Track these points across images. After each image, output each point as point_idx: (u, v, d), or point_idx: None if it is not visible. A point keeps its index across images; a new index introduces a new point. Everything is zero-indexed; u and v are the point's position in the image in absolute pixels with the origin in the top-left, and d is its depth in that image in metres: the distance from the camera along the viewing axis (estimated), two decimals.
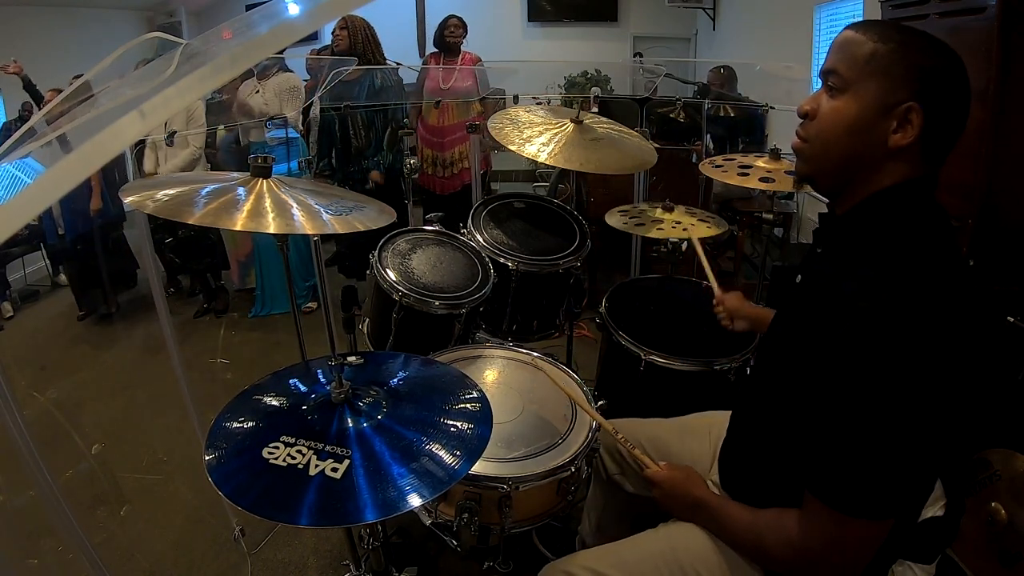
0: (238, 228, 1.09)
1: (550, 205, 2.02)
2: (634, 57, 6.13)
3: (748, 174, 1.86)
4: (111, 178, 3.35)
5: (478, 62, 3.37)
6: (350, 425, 0.95)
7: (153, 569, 1.75)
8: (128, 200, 1.10)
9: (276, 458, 0.88)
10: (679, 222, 1.96)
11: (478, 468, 1.10)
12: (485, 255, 1.74)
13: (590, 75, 5.93)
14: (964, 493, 1.40)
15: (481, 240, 1.78)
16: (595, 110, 2.09)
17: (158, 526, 1.90)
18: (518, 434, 1.25)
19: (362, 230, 1.24)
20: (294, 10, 0.58)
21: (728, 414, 1.11)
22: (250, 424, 0.98)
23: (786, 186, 1.83)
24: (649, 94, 2.81)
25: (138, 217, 1.61)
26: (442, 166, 3.43)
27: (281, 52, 3.25)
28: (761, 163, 1.91)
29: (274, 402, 1.04)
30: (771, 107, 2.91)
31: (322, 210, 1.22)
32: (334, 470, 0.86)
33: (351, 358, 1.11)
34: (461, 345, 1.59)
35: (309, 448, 0.90)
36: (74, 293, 3.63)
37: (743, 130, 3.62)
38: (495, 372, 1.46)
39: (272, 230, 1.12)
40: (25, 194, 0.32)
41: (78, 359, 3.14)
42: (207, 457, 0.90)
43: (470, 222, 1.84)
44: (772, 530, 0.86)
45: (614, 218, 2.03)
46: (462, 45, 3.39)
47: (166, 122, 2.52)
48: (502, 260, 1.73)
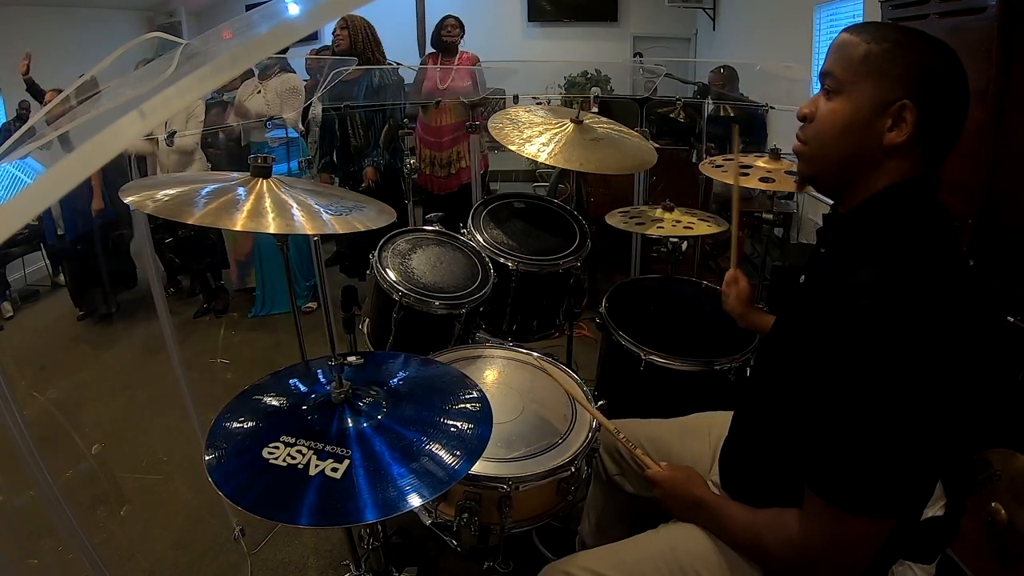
0: (238, 228, 1.10)
1: (550, 205, 2.02)
2: (634, 57, 6.13)
3: (748, 174, 1.86)
4: (110, 178, 3.34)
5: (476, 62, 3.37)
6: (350, 425, 0.95)
7: (153, 569, 1.75)
8: (128, 200, 1.10)
9: (276, 458, 0.88)
10: (679, 221, 1.96)
11: (478, 468, 1.10)
12: (485, 255, 1.74)
13: (590, 75, 5.93)
14: (964, 493, 1.40)
15: (481, 240, 1.78)
16: (595, 110, 2.09)
17: (158, 526, 1.90)
18: (518, 434, 1.25)
19: (362, 230, 1.24)
20: (294, 10, 0.58)
21: (728, 414, 1.11)
22: (250, 424, 0.98)
23: (786, 186, 1.83)
24: (649, 94, 2.81)
25: (138, 217, 1.61)
26: (440, 166, 3.42)
27: (283, 52, 3.25)
28: (761, 163, 1.91)
29: (274, 402, 1.04)
30: (771, 107, 2.91)
31: (322, 210, 1.22)
32: (334, 470, 0.86)
33: (351, 358, 1.11)
34: (461, 345, 1.59)
35: (309, 448, 0.90)
36: (71, 293, 3.62)
37: (743, 130, 3.61)
38: (495, 372, 1.46)
39: (272, 230, 1.13)
40: (25, 194, 0.32)
41: (78, 359, 3.14)
42: (207, 457, 0.90)
43: (470, 222, 1.84)
44: (772, 529, 0.86)
45: (614, 218, 2.03)
46: (460, 45, 3.39)
47: (166, 121, 2.51)
48: (502, 260, 1.73)
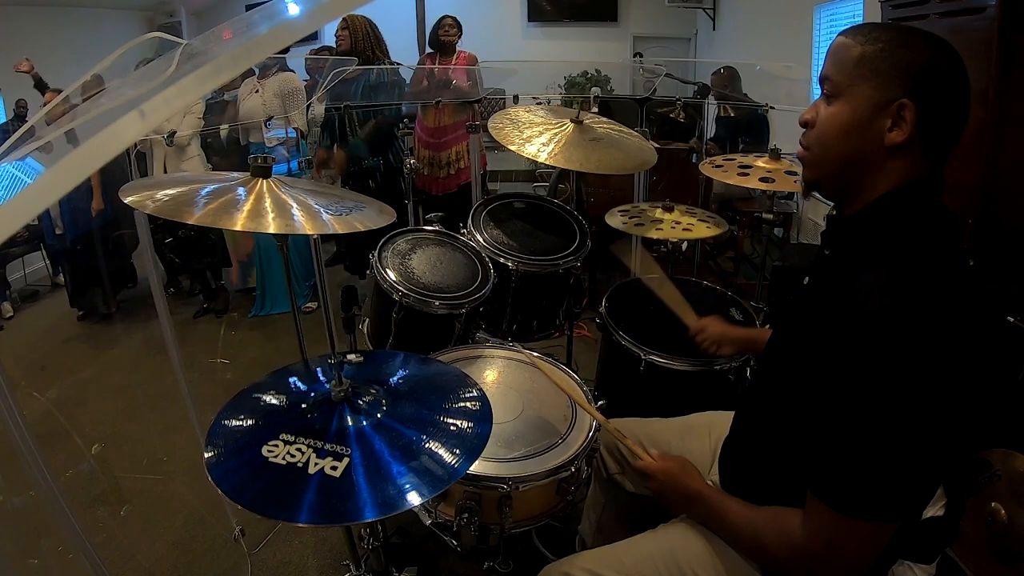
0: (238, 228, 1.10)
1: (550, 205, 2.03)
2: (634, 57, 6.13)
3: (748, 174, 1.86)
4: (109, 178, 3.34)
5: (474, 61, 3.36)
6: (350, 423, 0.95)
7: (153, 569, 1.75)
8: (128, 200, 1.10)
9: (275, 456, 0.88)
10: (679, 222, 1.96)
11: (478, 468, 1.10)
12: (485, 255, 1.74)
13: (590, 75, 5.93)
14: (964, 493, 1.40)
15: (481, 240, 1.78)
16: (595, 110, 2.08)
17: (158, 526, 1.90)
18: (518, 434, 1.25)
19: (362, 230, 1.24)
20: (294, 10, 0.58)
21: (728, 414, 1.11)
22: (250, 422, 0.98)
23: (786, 186, 1.84)
24: (649, 94, 2.81)
25: (138, 217, 1.61)
26: (438, 167, 3.40)
27: (285, 52, 3.25)
28: (761, 163, 1.91)
29: (274, 400, 1.04)
30: (771, 107, 2.91)
31: (322, 210, 1.22)
32: (333, 468, 0.86)
33: (351, 356, 1.11)
34: (461, 345, 1.59)
35: (308, 446, 0.90)
36: (69, 293, 3.61)
37: (744, 130, 3.62)
38: (495, 372, 1.46)
39: (272, 230, 1.13)
40: (25, 194, 0.32)
41: (78, 359, 3.14)
42: (206, 455, 0.90)
43: (470, 222, 1.84)
44: (772, 529, 0.85)
45: (614, 218, 2.03)
46: (458, 44, 3.39)
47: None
48: (502, 260, 1.73)
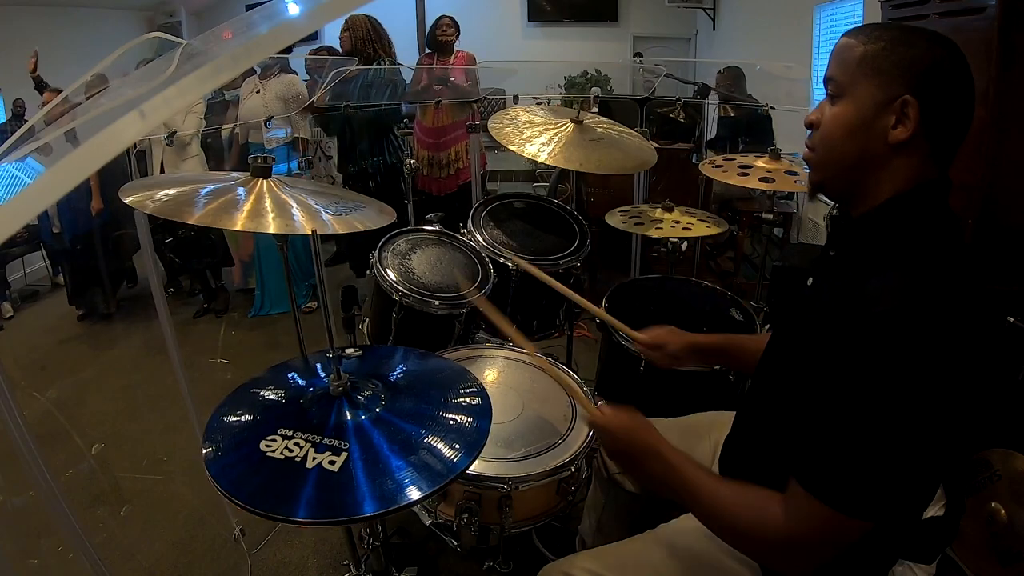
0: (238, 228, 1.10)
1: (550, 205, 2.03)
2: (634, 57, 6.12)
3: (748, 174, 1.86)
4: (108, 178, 3.33)
5: (472, 61, 3.35)
6: (348, 418, 0.95)
7: (153, 569, 1.75)
8: (128, 200, 1.10)
9: (273, 451, 0.88)
10: (679, 221, 1.96)
11: (478, 468, 1.10)
12: (485, 255, 1.75)
13: (590, 75, 5.93)
14: (964, 493, 1.40)
15: (481, 240, 1.78)
16: (595, 110, 2.08)
17: (158, 526, 1.90)
18: (518, 434, 1.25)
19: (362, 230, 1.24)
20: (294, 10, 0.58)
21: (729, 414, 1.11)
22: (248, 417, 0.97)
23: (786, 186, 1.84)
24: (649, 94, 2.81)
25: (138, 217, 1.61)
26: (438, 167, 3.40)
27: (287, 52, 3.24)
28: (761, 163, 1.91)
29: (272, 395, 1.04)
30: (771, 107, 2.91)
31: (322, 210, 1.22)
32: (332, 463, 0.86)
33: (349, 350, 1.11)
34: (461, 345, 1.59)
35: (307, 441, 0.89)
36: (68, 292, 3.61)
37: (744, 130, 3.62)
38: (495, 372, 1.46)
39: (272, 230, 1.13)
40: (25, 194, 0.32)
41: (78, 359, 3.14)
42: (205, 451, 0.90)
43: (470, 222, 1.84)
44: (747, 505, 0.82)
45: (614, 218, 2.03)
46: (457, 44, 3.38)
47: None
48: (502, 260, 1.73)
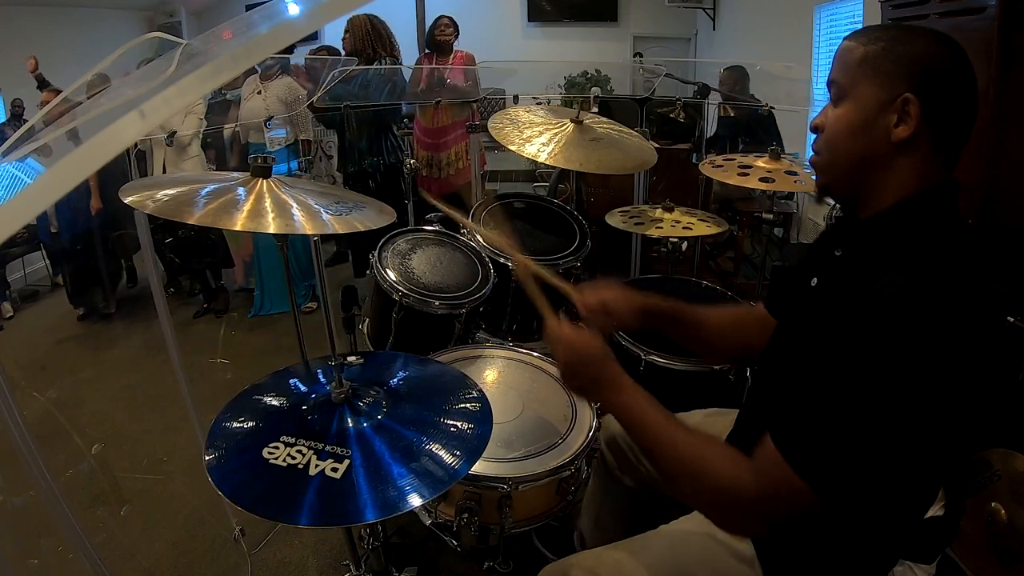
0: (238, 228, 1.09)
1: (550, 205, 2.02)
2: (634, 57, 6.12)
3: (748, 174, 1.86)
4: (108, 178, 3.33)
5: (471, 61, 3.35)
6: (350, 425, 0.95)
7: (153, 569, 1.75)
8: (128, 200, 1.10)
9: (276, 458, 0.88)
10: (679, 222, 1.96)
11: (478, 468, 1.10)
12: (485, 255, 1.74)
13: (590, 75, 5.93)
14: (964, 493, 1.40)
15: (481, 240, 1.78)
16: (595, 110, 2.08)
17: (158, 526, 1.90)
18: (518, 434, 1.25)
19: (362, 230, 1.24)
20: (294, 10, 0.58)
21: (730, 411, 1.11)
22: (250, 424, 0.98)
23: (786, 186, 1.83)
24: (649, 94, 2.81)
25: (138, 217, 1.61)
26: (437, 167, 3.39)
27: (289, 52, 3.24)
28: (761, 163, 1.91)
29: (274, 402, 1.04)
30: (772, 107, 2.91)
31: (322, 210, 1.22)
32: (334, 470, 0.86)
33: (351, 358, 1.11)
34: (461, 345, 1.59)
35: (309, 448, 0.90)
36: (67, 292, 3.60)
37: (744, 130, 3.61)
38: (495, 372, 1.46)
39: (272, 230, 1.12)
40: (25, 194, 0.32)
41: (78, 359, 3.14)
42: (207, 457, 0.90)
43: (470, 222, 1.84)
44: (699, 451, 0.82)
45: (614, 218, 2.03)
46: (456, 44, 3.38)
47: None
48: (502, 260, 1.73)
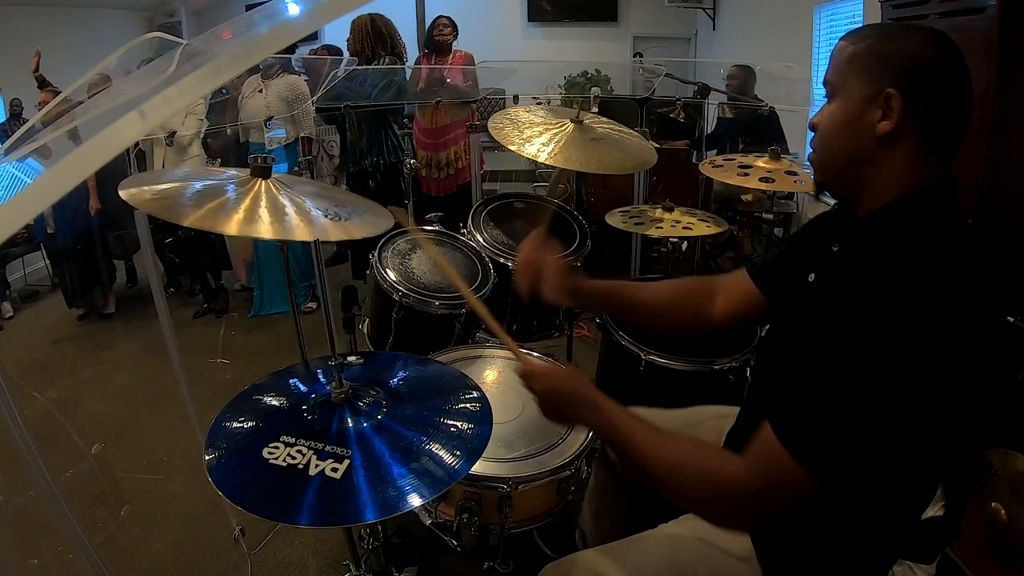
0: (233, 232, 1.04)
1: (550, 205, 2.02)
2: (634, 57, 6.12)
3: (748, 174, 1.86)
4: (106, 179, 3.32)
5: (470, 61, 3.34)
6: (350, 425, 0.95)
7: (153, 569, 1.75)
8: (125, 196, 1.09)
9: (276, 458, 0.88)
10: (679, 222, 1.96)
11: (478, 468, 1.10)
12: (485, 255, 1.74)
13: (590, 75, 5.92)
14: (964, 493, 1.40)
15: (481, 240, 1.78)
16: (595, 110, 2.08)
17: (158, 526, 1.90)
18: (518, 434, 1.25)
19: (360, 237, 1.21)
20: (294, 10, 0.58)
21: (730, 408, 1.11)
22: (250, 424, 0.98)
23: (786, 186, 1.84)
24: (649, 94, 2.81)
25: (138, 217, 1.61)
26: (437, 167, 3.39)
27: (290, 51, 3.24)
28: (761, 163, 1.91)
29: (274, 402, 1.04)
30: (771, 107, 2.91)
31: (319, 216, 1.21)
32: (334, 470, 0.86)
33: (351, 358, 1.11)
34: (461, 345, 1.59)
35: (309, 448, 0.90)
36: (63, 292, 3.59)
37: (744, 130, 3.61)
38: (495, 372, 1.46)
39: (266, 235, 1.08)
40: (25, 194, 0.32)
41: (78, 359, 3.14)
42: (207, 457, 0.90)
43: (470, 222, 1.84)
44: (682, 449, 0.82)
45: (614, 218, 2.03)
46: (455, 44, 3.37)
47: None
48: (502, 260, 1.73)
